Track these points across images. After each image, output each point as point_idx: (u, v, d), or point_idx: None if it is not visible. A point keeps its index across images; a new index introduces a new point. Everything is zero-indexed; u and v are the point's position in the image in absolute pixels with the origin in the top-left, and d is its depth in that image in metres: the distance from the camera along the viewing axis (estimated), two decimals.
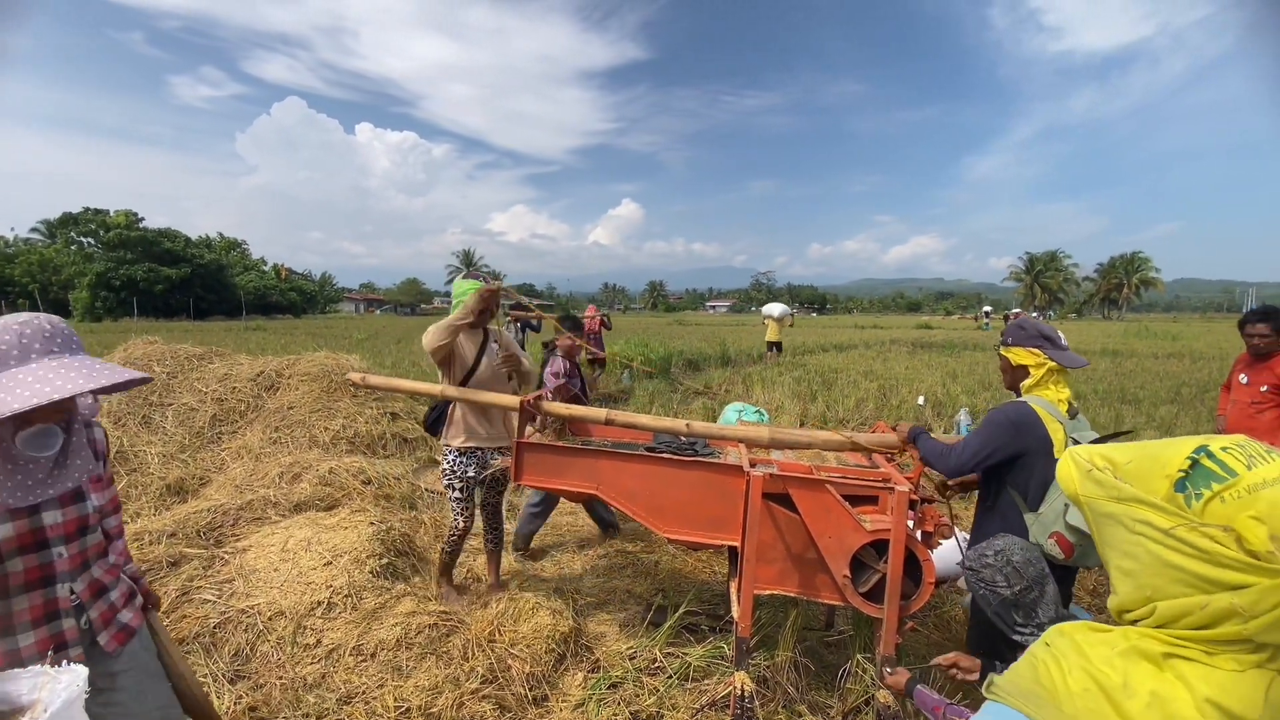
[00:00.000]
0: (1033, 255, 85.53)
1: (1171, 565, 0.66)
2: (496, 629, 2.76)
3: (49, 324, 1.29)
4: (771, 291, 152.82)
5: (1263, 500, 0.63)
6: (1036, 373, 2.30)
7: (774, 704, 2.45)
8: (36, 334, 1.25)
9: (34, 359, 1.24)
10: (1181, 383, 11.40)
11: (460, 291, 3.26)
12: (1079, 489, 0.77)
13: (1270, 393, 3.65)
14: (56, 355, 1.26)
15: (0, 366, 1.21)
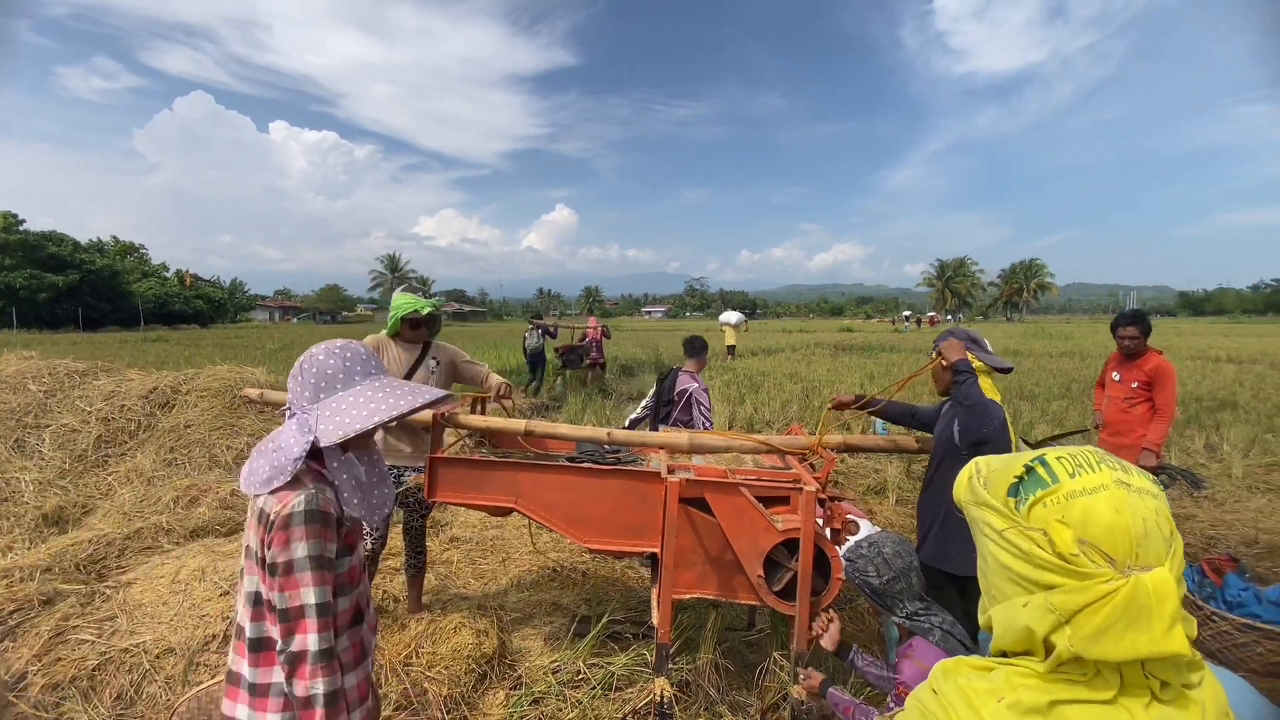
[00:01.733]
0: (943, 262, 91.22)
1: (1004, 565, 0.70)
2: (413, 652, 2.66)
3: (362, 349, 1.35)
4: (705, 297, 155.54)
5: (1076, 507, 0.66)
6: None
7: (695, 707, 2.48)
8: (356, 358, 1.32)
9: (357, 381, 1.30)
10: (1072, 379, 12.42)
11: (398, 304, 3.10)
12: (957, 493, 0.80)
13: (1140, 389, 4.03)
14: (375, 377, 1.33)
15: (328, 391, 1.28)
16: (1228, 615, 3.01)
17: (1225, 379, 12.44)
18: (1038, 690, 0.66)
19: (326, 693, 1.20)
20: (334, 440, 1.20)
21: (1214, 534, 4.62)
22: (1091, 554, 0.64)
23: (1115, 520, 0.65)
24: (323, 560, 1.22)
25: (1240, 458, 6.47)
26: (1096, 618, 0.62)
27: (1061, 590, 0.65)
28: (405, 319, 3.09)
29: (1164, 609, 0.61)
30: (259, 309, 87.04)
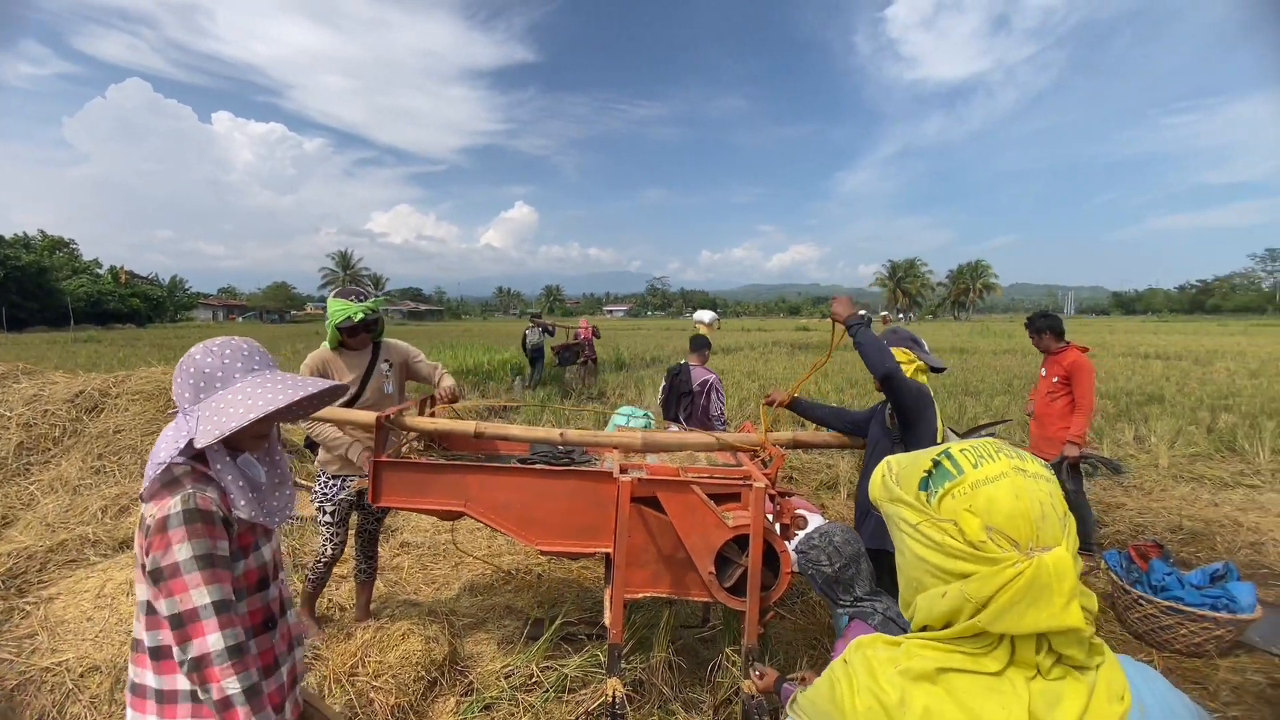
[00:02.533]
0: (895, 263, 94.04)
1: (920, 558, 0.72)
2: (360, 661, 2.58)
3: (245, 344, 1.30)
4: (666, 296, 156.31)
5: (981, 495, 0.70)
6: (908, 369, 2.63)
7: (649, 705, 2.49)
8: (236, 354, 1.27)
9: (237, 379, 1.24)
10: (1014, 376, 12.97)
11: (331, 313, 2.94)
12: (873, 492, 0.83)
13: (1060, 384, 4.26)
14: (258, 372, 1.27)
15: (208, 391, 1.22)
16: (1153, 599, 3.19)
17: (1153, 374, 13.19)
18: (932, 659, 0.70)
19: (244, 688, 1.15)
20: (209, 441, 1.14)
21: (1141, 521, 4.88)
22: (998, 539, 0.68)
23: (1016, 505, 0.68)
24: (213, 559, 1.17)
25: (1166, 449, 6.86)
26: (1003, 598, 0.66)
27: (975, 578, 0.68)
28: (340, 328, 2.95)
29: (1063, 586, 0.65)
30: (201, 308, 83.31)
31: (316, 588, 3.08)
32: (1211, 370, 14.11)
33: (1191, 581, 3.30)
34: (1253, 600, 3.06)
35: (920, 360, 2.66)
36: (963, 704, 0.68)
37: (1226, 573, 3.26)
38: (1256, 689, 2.80)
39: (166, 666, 1.21)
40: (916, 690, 0.70)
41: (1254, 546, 4.36)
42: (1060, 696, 0.67)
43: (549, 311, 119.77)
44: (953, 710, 0.68)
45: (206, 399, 1.21)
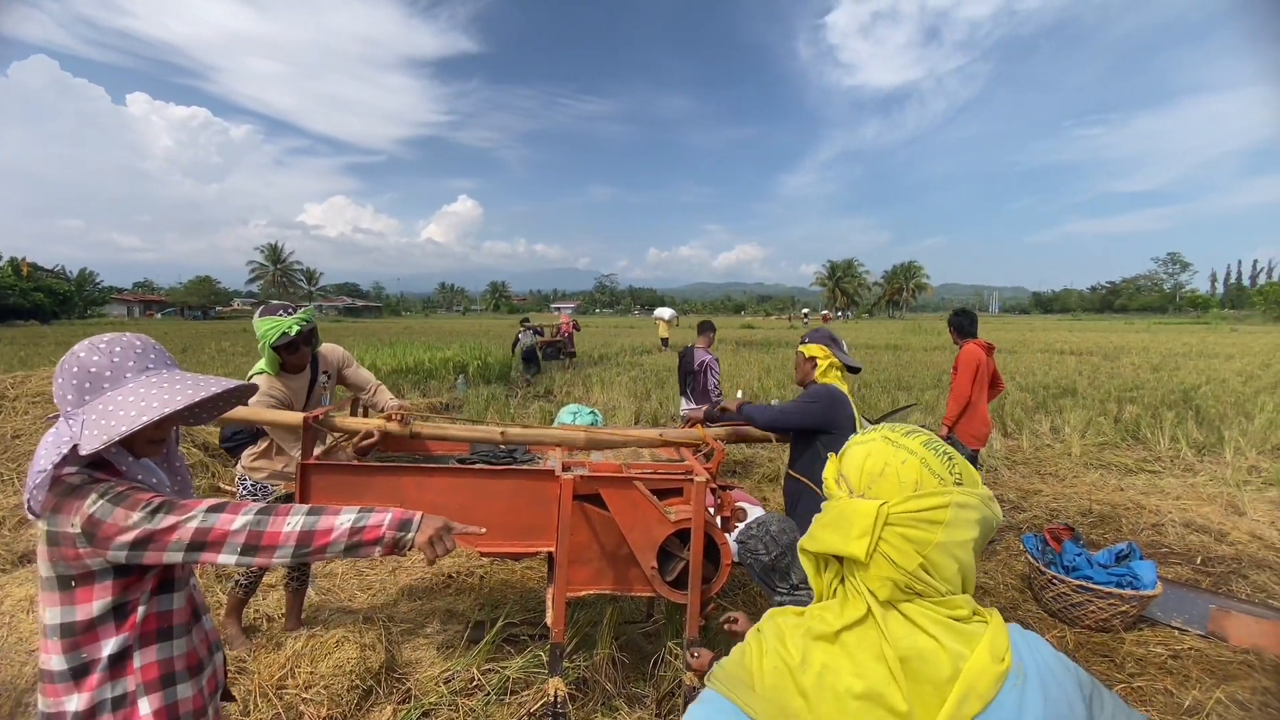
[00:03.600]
0: (834, 263, 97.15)
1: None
2: (290, 672, 2.47)
3: (138, 340, 1.19)
4: (615, 294, 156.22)
5: (846, 454, 0.87)
6: (823, 364, 2.76)
7: (592, 703, 2.48)
8: (128, 351, 1.16)
9: (129, 379, 1.14)
10: (943, 371, 13.60)
11: (263, 334, 2.65)
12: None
13: (953, 374, 4.55)
14: (153, 371, 1.17)
15: (94, 393, 1.12)
16: (1066, 579, 3.41)
17: (1067, 369, 14.12)
18: (830, 622, 0.79)
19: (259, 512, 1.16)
20: (95, 447, 1.04)
21: (1055, 506, 5.22)
22: (842, 485, 0.85)
23: (862, 462, 0.84)
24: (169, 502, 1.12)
25: (1078, 438, 7.36)
26: (816, 523, 0.84)
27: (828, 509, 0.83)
28: (278, 347, 2.68)
29: (860, 523, 0.78)
30: (115, 303, 77.62)
31: (246, 594, 2.93)
32: (1119, 365, 15.23)
33: (1099, 561, 3.55)
34: (1154, 578, 3.31)
35: (835, 359, 2.78)
36: (852, 656, 0.76)
37: (1130, 552, 3.53)
38: (1158, 660, 3.04)
39: (89, 684, 1.12)
40: (816, 649, 0.78)
41: (1155, 528, 4.74)
42: (932, 650, 0.74)
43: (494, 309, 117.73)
44: (846, 664, 0.76)
45: (93, 401, 1.11)
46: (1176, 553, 4.32)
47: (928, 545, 0.75)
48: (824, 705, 0.75)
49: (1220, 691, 2.71)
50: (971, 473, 0.82)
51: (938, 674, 0.73)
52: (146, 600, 1.16)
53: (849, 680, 0.75)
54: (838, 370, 2.80)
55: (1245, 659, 2.98)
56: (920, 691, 0.73)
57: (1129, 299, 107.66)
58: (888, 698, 0.73)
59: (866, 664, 0.76)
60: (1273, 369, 13.73)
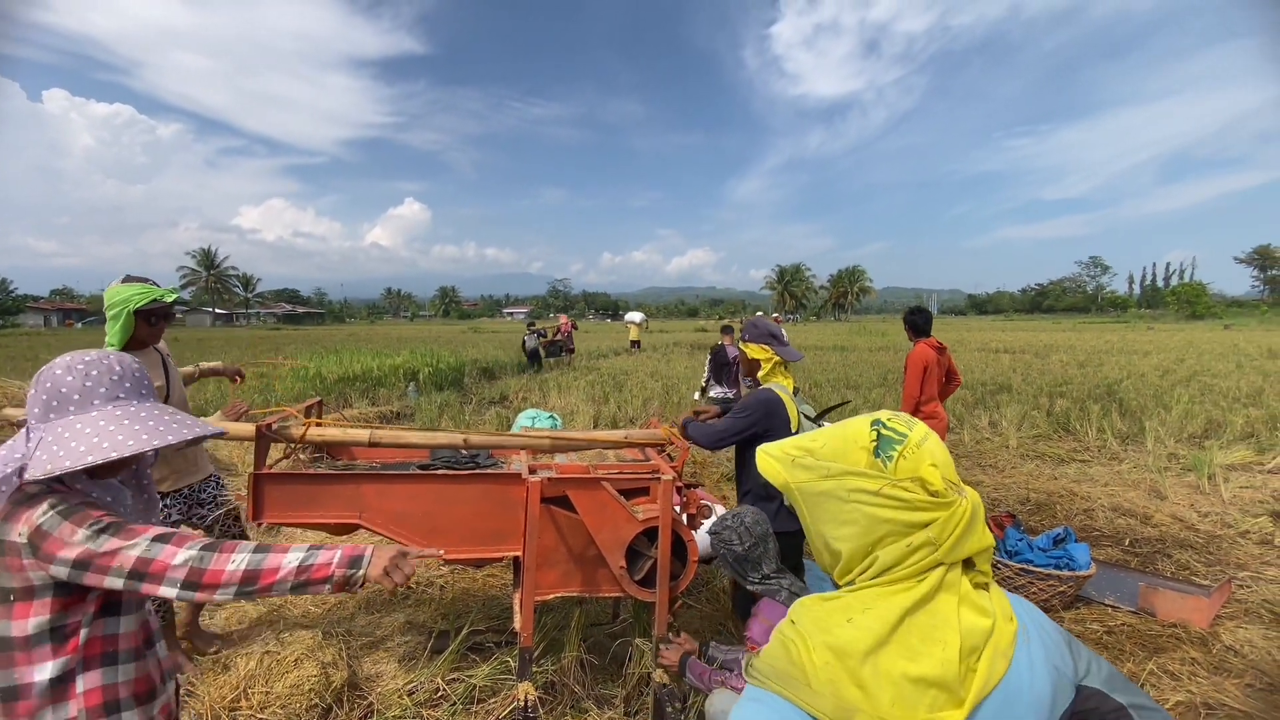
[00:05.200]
0: (782, 267, 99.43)
1: (883, 519, 0.78)
2: (241, 694, 2.36)
3: (119, 364, 1.14)
4: (568, 299, 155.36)
5: (927, 452, 0.80)
6: (767, 365, 2.75)
7: (561, 707, 2.46)
8: (103, 376, 1.12)
9: (95, 406, 1.10)
10: (888, 370, 14.10)
11: (133, 294, 2.41)
12: (788, 478, 0.87)
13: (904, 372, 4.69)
14: (122, 402, 1.12)
15: (59, 413, 1.09)
16: (1008, 562, 3.59)
17: (1003, 367, 14.85)
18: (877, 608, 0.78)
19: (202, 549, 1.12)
20: (38, 476, 1.01)
21: (996, 495, 5.49)
22: (951, 488, 0.80)
23: (946, 456, 0.82)
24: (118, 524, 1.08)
25: (1015, 431, 7.75)
26: (958, 532, 0.78)
27: (938, 523, 0.77)
28: (143, 312, 2.42)
29: (981, 513, 0.80)
30: (31, 312, 72.36)
31: (166, 614, 2.73)
32: (1049, 362, 16.12)
33: (1038, 545, 3.76)
34: (1088, 559, 3.52)
35: (778, 355, 2.76)
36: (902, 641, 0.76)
37: (1066, 536, 3.74)
38: (1095, 636, 3.23)
39: (22, 708, 1.06)
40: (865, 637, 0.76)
41: (1086, 513, 5.04)
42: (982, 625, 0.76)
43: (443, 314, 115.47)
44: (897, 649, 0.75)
45: (55, 420, 1.08)
46: (1107, 535, 4.61)
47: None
48: (883, 693, 0.74)
49: (1152, 663, 2.91)
50: None
51: (977, 644, 0.76)
52: (90, 623, 1.10)
53: (904, 665, 0.74)
54: (782, 367, 2.79)
55: (1173, 632, 3.21)
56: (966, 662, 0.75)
57: (1056, 300, 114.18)
58: (943, 678, 0.73)
59: (916, 647, 0.75)
60: (1186, 364, 14.82)
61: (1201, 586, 3.58)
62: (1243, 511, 4.86)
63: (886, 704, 0.73)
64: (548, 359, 16.38)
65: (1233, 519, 4.72)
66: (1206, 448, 6.58)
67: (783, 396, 2.65)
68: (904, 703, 0.73)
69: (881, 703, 0.73)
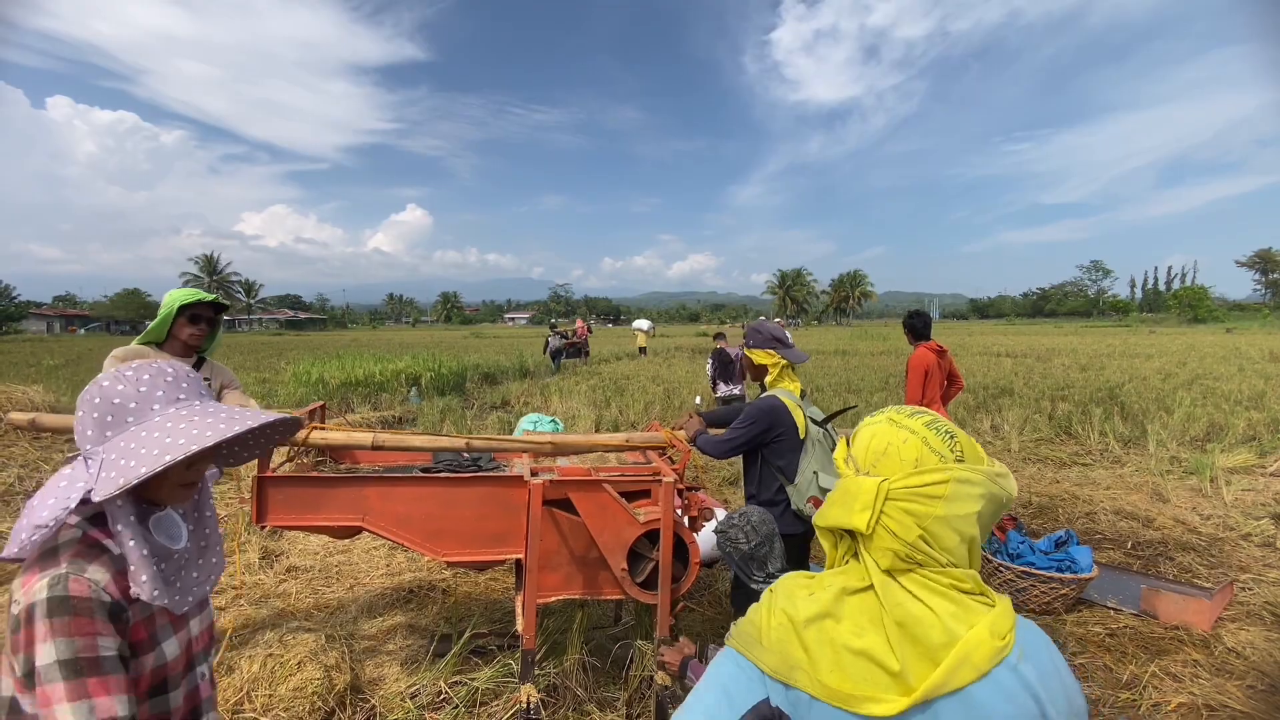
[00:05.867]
0: (784, 272, 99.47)
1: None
2: (245, 697, 2.37)
3: (170, 366, 1.05)
4: (570, 303, 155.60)
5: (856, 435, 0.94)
6: (774, 370, 2.74)
7: (564, 709, 2.47)
8: (157, 380, 1.02)
9: (156, 411, 1.00)
10: (889, 374, 14.10)
11: (173, 297, 2.55)
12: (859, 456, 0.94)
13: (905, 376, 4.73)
14: (184, 403, 1.02)
15: (117, 427, 0.97)
16: (1011, 565, 3.59)
17: (1004, 370, 14.85)
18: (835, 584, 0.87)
19: None
20: (110, 492, 0.89)
21: None
22: (851, 464, 0.92)
23: (868, 442, 0.90)
24: (84, 664, 0.89)
25: (1016, 435, 7.75)
26: (828, 500, 0.91)
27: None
28: (186, 308, 2.53)
29: (861, 499, 0.84)
30: (33, 318, 72.62)
31: None
32: (1050, 366, 16.11)
33: (1040, 548, 3.76)
34: (1090, 562, 3.52)
35: (784, 359, 2.73)
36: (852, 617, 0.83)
37: (1068, 539, 3.74)
38: (1097, 639, 3.23)
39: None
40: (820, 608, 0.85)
41: (1088, 516, 5.03)
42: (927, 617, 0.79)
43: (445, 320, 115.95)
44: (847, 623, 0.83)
45: (115, 437, 0.96)
46: (1109, 538, 4.60)
47: (927, 518, 0.80)
48: (823, 658, 0.81)
49: (1154, 665, 2.91)
50: (976, 450, 0.86)
51: (930, 638, 0.78)
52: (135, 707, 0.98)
53: (847, 637, 0.81)
54: (790, 370, 2.77)
55: (1175, 634, 3.20)
56: (914, 653, 0.78)
57: (1057, 304, 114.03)
58: (882, 657, 0.79)
59: (864, 625, 0.82)
60: (1189, 367, 14.79)
61: (1203, 589, 3.57)
62: (1245, 514, 4.86)
63: (825, 668, 0.81)
64: (567, 360, 18.02)
65: (1235, 522, 4.72)
66: (1208, 451, 6.57)
67: (788, 402, 2.64)
68: (842, 671, 0.80)
69: (821, 666, 0.81)
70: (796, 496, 2.56)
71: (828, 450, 2.61)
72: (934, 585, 0.81)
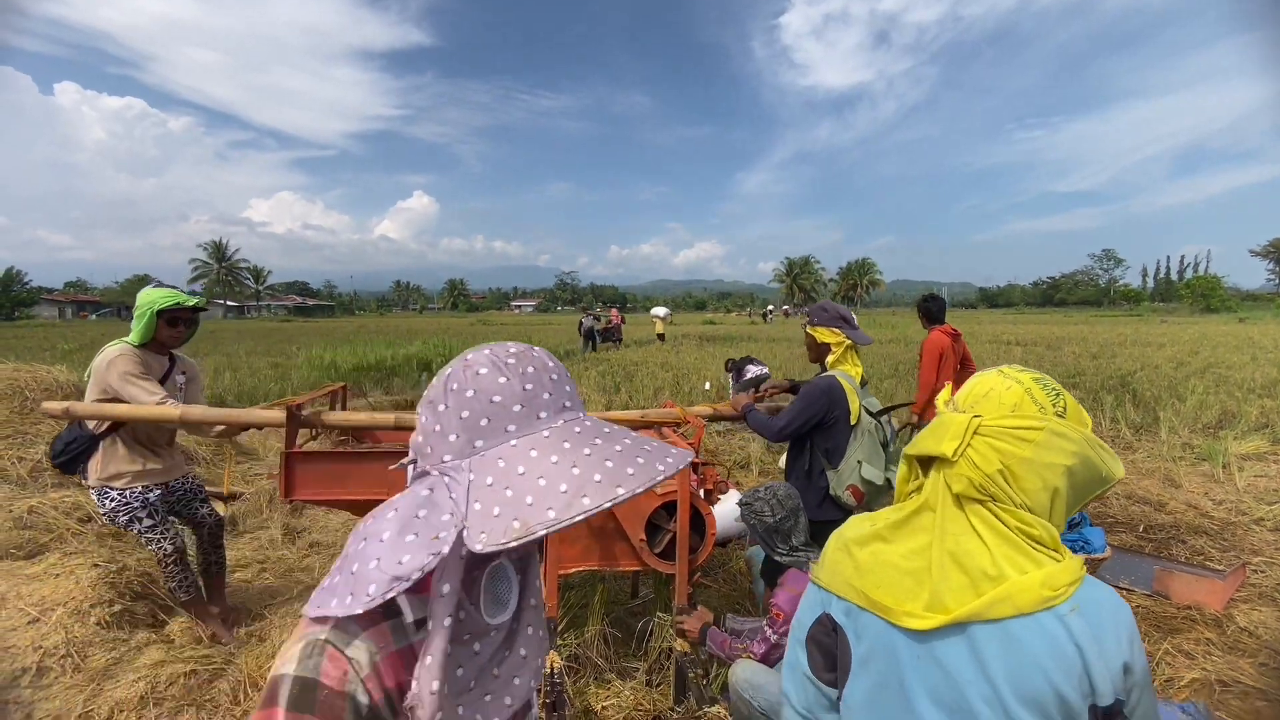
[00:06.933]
0: (791, 260, 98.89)
1: None
2: None
3: (547, 358, 0.73)
4: (576, 291, 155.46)
5: (964, 384, 1.03)
6: (838, 350, 2.65)
7: (585, 678, 2.53)
8: (541, 376, 0.69)
9: (543, 421, 0.67)
10: (899, 362, 14.06)
11: (153, 297, 2.57)
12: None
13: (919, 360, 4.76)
14: (569, 412, 0.70)
15: (493, 436, 0.65)
16: None
17: (1014, 358, 14.78)
18: (891, 515, 0.96)
19: None
20: (502, 544, 0.56)
21: None
22: (951, 405, 0.99)
23: (971, 387, 0.98)
24: None
25: None
26: (923, 431, 0.97)
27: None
28: (165, 312, 2.57)
29: (952, 430, 0.90)
30: (45, 304, 73.32)
31: (189, 589, 2.74)
32: (1061, 354, 16.03)
33: None
34: (1103, 542, 3.54)
35: (849, 339, 2.65)
36: (904, 542, 0.91)
37: (1081, 520, 3.76)
38: None
39: None
40: (876, 531, 0.95)
41: (1100, 500, 5.04)
42: (979, 549, 0.84)
43: (452, 307, 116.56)
44: (898, 545, 0.91)
45: (488, 451, 0.65)
46: (1121, 522, 4.62)
47: (1012, 457, 0.85)
48: (870, 573, 0.90)
49: (1167, 643, 2.94)
50: (1081, 415, 0.92)
51: (978, 569, 0.82)
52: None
53: (896, 558, 0.90)
54: (853, 351, 2.68)
55: (1188, 614, 3.23)
56: (959, 581, 0.83)
57: (1067, 293, 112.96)
58: (924, 579, 0.86)
59: (915, 550, 0.89)
60: (1201, 356, 14.68)
61: (1216, 571, 3.59)
62: (1258, 500, 4.86)
63: (872, 583, 0.90)
64: (602, 344, 19.96)
65: (1247, 507, 4.72)
66: (1221, 438, 6.55)
67: (845, 385, 2.55)
68: (886, 586, 0.89)
69: (868, 580, 0.91)
70: (837, 482, 2.51)
71: (877, 442, 2.52)
72: (1000, 525, 0.85)
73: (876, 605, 0.88)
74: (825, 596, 0.97)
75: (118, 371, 2.50)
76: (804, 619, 1.00)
